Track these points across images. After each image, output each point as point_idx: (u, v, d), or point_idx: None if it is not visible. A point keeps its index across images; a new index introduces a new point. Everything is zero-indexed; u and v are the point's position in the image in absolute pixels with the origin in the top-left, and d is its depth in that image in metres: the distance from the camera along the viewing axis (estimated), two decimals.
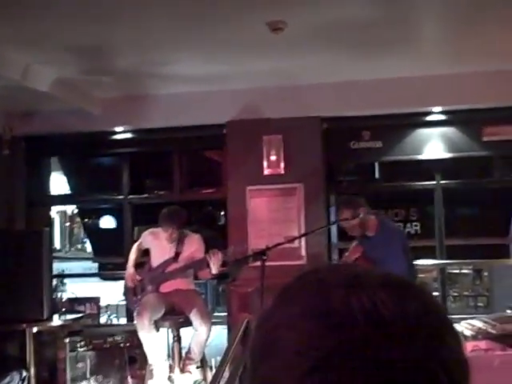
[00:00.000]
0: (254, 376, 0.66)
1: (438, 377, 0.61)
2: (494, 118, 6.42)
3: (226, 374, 3.59)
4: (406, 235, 5.31)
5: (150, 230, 5.81)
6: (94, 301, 6.62)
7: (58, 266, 7.66)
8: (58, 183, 8.12)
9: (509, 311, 5.09)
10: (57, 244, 10.45)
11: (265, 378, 0.65)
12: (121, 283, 6.08)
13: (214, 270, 5.24)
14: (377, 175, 7.03)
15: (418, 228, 7.38)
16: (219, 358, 6.05)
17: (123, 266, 6.29)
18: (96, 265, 9.42)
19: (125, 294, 5.75)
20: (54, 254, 7.81)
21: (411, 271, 4.76)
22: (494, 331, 4.62)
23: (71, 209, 11.36)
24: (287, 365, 0.62)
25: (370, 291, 0.64)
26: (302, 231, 6.28)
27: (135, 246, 5.79)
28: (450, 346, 0.64)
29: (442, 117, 6.57)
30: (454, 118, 6.55)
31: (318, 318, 0.63)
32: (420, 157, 6.63)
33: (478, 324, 4.87)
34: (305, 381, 0.60)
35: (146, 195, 7.45)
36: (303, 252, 6.35)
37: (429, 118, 6.59)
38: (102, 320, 7.05)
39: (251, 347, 0.69)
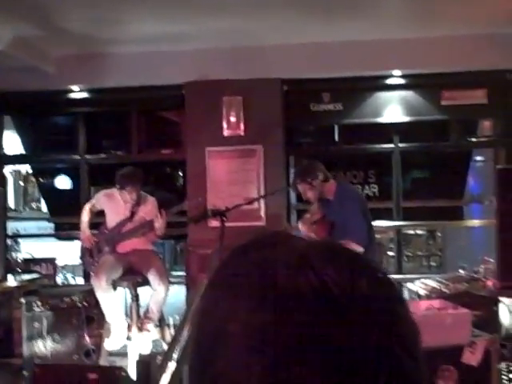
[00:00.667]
0: (202, 375, 0.61)
1: (396, 353, 0.58)
2: (453, 82, 6.50)
3: (185, 335, 3.61)
4: (364, 197, 5.36)
5: (104, 191, 5.74)
6: (50, 261, 6.55)
7: (12, 226, 7.53)
8: (12, 142, 7.91)
9: (461, 271, 5.23)
10: (11, 204, 10.23)
11: (219, 376, 0.59)
12: (77, 243, 6.02)
13: (159, 231, 5.23)
14: (336, 138, 7.06)
15: (375, 190, 7.47)
16: (177, 317, 6.10)
17: (79, 227, 6.22)
18: (52, 224, 9.30)
19: (81, 255, 5.70)
20: (9, 214, 7.65)
21: (370, 233, 4.82)
22: (447, 290, 4.75)
23: (25, 168, 11.11)
24: (242, 363, 0.58)
25: (316, 269, 0.59)
26: (262, 193, 6.30)
27: (87, 207, 5.69)
28: (403, 319, 0.62)
29: (402, 80, 6.61)
30: (413, 82, 6.60)
31: (266, 309, 0.58)
32: (379, 120, 6.68)
33: (432, 283, 5.00)
34: (267, 379, 0.56)
35: (103, 155, 7.34)
36: (262, 213, 6.38)
37: (389, 82, 6.62)
38: (59, 280, 7.00)
39: (196, 343, 0.63)
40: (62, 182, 8.51)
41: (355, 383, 0.56)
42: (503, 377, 4.36)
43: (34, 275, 6.06)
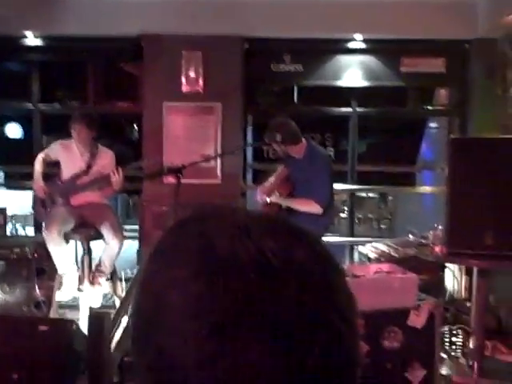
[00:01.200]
0: (146, 344, 0.61)
1: (335, 324, 0.60)
2: (413, 49, 6.54)
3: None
4: (331, 160, 5.40)
5: (61, 141, 5.62)
6: (1, 211, 6.42)
7: None
8: None
9: (410, 236, 5.36)
10: None
11: (159, 346, 0.59)
12: (28, 193, 5.91)
13: (116, 186, 5.19)
14: (295, 99, 7.05)
15: (331, 153, 7.54)
16: (129, 271, 6.10)
17: (31, 176, 6.10)
18: (1, 173, 9.09)
19: (34, 206, 5.61)
20: None
21: (331, 196, 4.89)
22: (396, 255, 4.87)
23: None
24: (181, 332, 0.58)
25: (256, 240, 0.60)
26: (219, 151, 6.29)
27: (40, 157, 5.56)
28: (340, 288, 0.63)
29: (363, 45, 6.62)
30: (373, 47, 6.61)
31: (204, 277, 0.59)
32: (338, 83, 6.70)
33: (382, 247, 5.12)
34: (204, 347, 0.57)
35: (57, 105, 7.17)
36: (218, 171, 6.37)
37: (350, 46, 6.62)
38: (8, 230, 6.88)
39: (137, 312, 0.64)
40: (14, 131, 8.29)
41: (291, 349, 0.57)
42: (445, 339, 4.54)
43: None
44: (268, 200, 4.90)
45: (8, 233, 6.81)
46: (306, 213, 4.74)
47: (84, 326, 4.12)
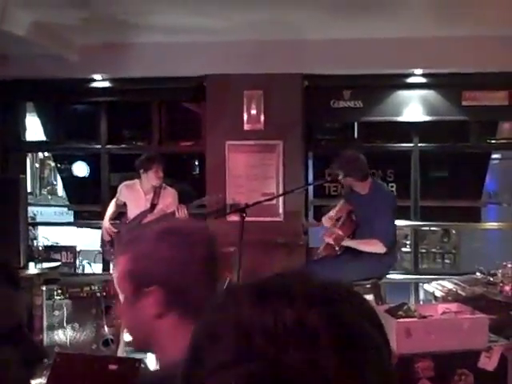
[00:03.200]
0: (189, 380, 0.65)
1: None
2: (474, 83, 6.48)
3: None
4: (396, 199, 5.38)
5: (125, 183, 5.83)
6: (71, 249, 6.64)
7: (28, 210, 7.61)
8: (34, 127, 7.98)
9: (478, 274, 5.25)
10: (27, 187, 10.35)
11: None
12: (97, 231, 6.10)
13: None
14: (356, 135, 7.07)
15: (393, 189, 7.48)
16: None
17: (99, 215, 6.30)
18: (67, 209, 9.39)
19: (102, 245, 5.79)
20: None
21: (395, 235, 4.88)
22: (463, 293, 4.78)
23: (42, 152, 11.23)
24: (211, 376, 0.61)
25: (275, 306, 0.62)
26: (280, 188, 6.34)
27: (113, 201, 5.81)
28: (380, 368, 0.63)
29: (423, 79, 6.60)
30: (434, 82, 6.59)
31: (242, 369, 0.60)
32: (399, 118, 6.69)
33: (449, 285, 5.03)
34: None
35: (124, 145, 7.40)
36: (280, 209, 6.42)
37: (409, 80, 6.61)
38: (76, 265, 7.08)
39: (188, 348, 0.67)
40: (81, 169, 8.58)
41: None
42: None
43: (55, 263, 6.15)
44: (331, 241, 4.91)
45: (78, 270, 7.01)
46: (369, 254, 4.73)
47: (151, 365, 4.20)
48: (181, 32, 6.14)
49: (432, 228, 9.83)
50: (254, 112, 6.52)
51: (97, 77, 6.94)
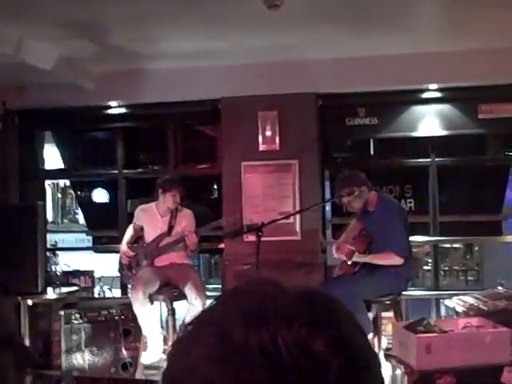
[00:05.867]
0: None
1: None
2: (490, 95, 6.42)
3: None
4: (405, 210, 5.36)
5: (141, 206, 5.87)
6: (89, 274, 6.66)
7: (50, 238, 7.69)
8: (52, 156, 8.09)
9: (500, 288, 5.15)
10: (49, 216, 10.46)
11: None
12: (115, 256, 6.12)
13: (192, 246, 5.38)
14: (372, 152, 7.03)
15: (411, 205, 7.41)
16: None
17: (117, 240, 6.32)
18: (88, 236, 9.47)
19: (120, 269, 5.80)
20: (47, 227, 7.81)
21: (409, 247, 4.82)
22: (485, 308, 4.68)
23: (63, 181, 11.37)
24: None
25: (273, 328, 0.58)
26: (297, 207, 6.31)
27: (131, 225, 5.84)
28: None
29: (438, 94, 6.56)
30: (449, 96, 6.54)
31: (215, 362, 0.58)
32: (415, 134, 6.64)
33: (470, 300, 4.94)
34: None
35: (140, 170, 7.45)
36: (297, 228, 6.38)
37: (425, 95, 6.58)
38: (96, 292, 7.10)
39: (162, 377, 0.66)
40: (100, 196, 8.65)
41: None
42: None
43: (73, 288, 6.16)
44: (343, 258, 4.87)
45: (96, 295, 7.03)
46: (385, 269, 4.68)
47: None
48: (193, 57, 6.20)
49: (454, 245, 9.72)
50: (268, 133, 6.53)
51: (112, 103, 7.02)
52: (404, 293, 5.13)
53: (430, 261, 7.50)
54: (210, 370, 0.59)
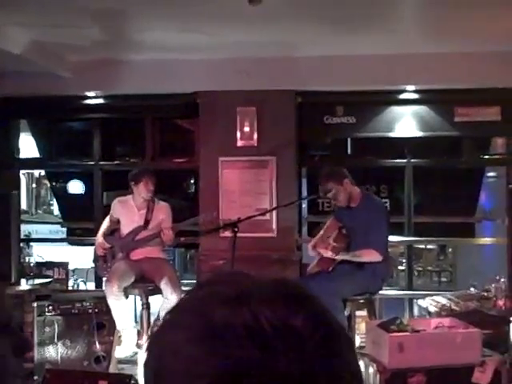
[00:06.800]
0: None
1: None
2: (467, 99, 6.50)
3: None
4: (387, 209, 5.40)
5: (118, 198, 5.81)
6: (63, 266, 6.60)
7: (24, 228, 7.60)
8: (27, 145, 7.99)
9: (472, 289, 5.23)
10: (23, 205, 10.34)
11: None
12: (89, 248, 6.07)
13: (167, 241, 5.44)
14: (349, 151, 7.07)
15: (387, 204, 7.48)
16: None
17: (92, 232, 6.27)
18: (63, 228, 9.37)
19: (95, 261, 5.75)
20: (21, 216, 7.72)
21: (387, 246, 4.86)
22: (457, 308, 4.76)
23: (38, 171, 11.23)
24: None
25: (253, 307, 0.61)
26: (274, 204, 6.33)
27: (107, 217, 5.79)
28: (341, 358, 0.63)
29: (416, 95, 6.63)
30: (426, 97, 6.61)
31: (200, 342, 0.60)
32: (392, 134, 6.70)
33: (443, 301, 5.01)
34: None
35: (117, 162, 7.39)
36: (274, 225, 6.40)
37: (402, 97, 6.64)
38: (70, 284, 7.04)
39: (144, 370, 0.67)
40: (76, 187, 8.57)
41: None
42: None
43: (46, 279, 6.11)
44: (327, 254, 4.87)
45: (70, 287, 6.97)
46: (363, 267, 4.71)
47: (142, 381, 4.15)
48: (173, 49, 6.17)
49: (428, 246, 9.83)
50: (247, 129, 6.53)
51: (90, 93, 6.96)
52: (378, 292, 5.18)
53: (404, 261, 7.58)
54: (196, 350, 0.60)
